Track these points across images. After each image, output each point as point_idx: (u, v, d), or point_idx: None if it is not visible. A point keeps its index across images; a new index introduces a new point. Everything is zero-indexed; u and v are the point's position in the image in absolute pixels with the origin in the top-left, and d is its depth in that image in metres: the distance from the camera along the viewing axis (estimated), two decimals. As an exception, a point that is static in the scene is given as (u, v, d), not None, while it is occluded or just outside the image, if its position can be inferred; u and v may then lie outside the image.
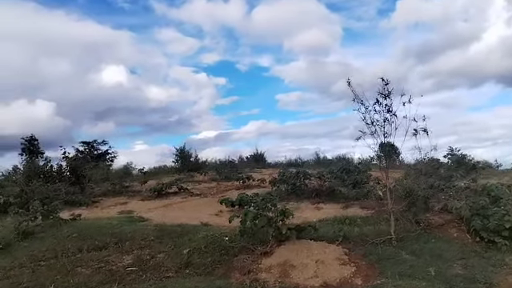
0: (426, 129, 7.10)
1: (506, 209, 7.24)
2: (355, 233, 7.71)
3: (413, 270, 6.28)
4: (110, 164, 30.34)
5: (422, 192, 8.40)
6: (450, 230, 7.89)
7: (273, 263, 6.50)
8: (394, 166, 16.46)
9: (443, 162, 15.33)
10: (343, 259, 6.56)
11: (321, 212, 10.14)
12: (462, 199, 7.90)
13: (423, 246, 7.19)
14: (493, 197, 7.93)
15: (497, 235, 7.00)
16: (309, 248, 6.81)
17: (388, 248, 7.12)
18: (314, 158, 27.93)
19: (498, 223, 7.00)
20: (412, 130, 7.13)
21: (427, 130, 7.09)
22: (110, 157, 33.62)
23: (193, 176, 19.15)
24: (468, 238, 7.50)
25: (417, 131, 7.08)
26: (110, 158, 33.84)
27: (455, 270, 6.29)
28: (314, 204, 11.01)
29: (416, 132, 7.09)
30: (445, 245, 7.32)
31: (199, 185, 16.26)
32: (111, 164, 30.23)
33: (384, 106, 7.42)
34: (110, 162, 32.52)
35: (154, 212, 11.14)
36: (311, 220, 9.40)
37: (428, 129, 7.10)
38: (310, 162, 28.14)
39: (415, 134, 7.10)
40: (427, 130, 7.09)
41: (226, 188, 15.06)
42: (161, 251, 7.43)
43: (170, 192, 13.86)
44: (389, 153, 27.35)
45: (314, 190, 11.42)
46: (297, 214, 10.13)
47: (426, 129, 7.10)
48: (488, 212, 7.31)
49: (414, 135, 7.13)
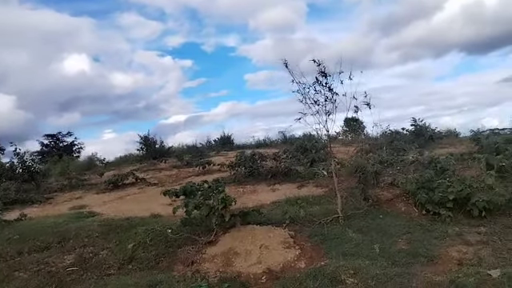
0: (369, 103, 6.98)
1: (451, 180, 7.27)
2: (304, 213, 7.59)
3: (358, 248, 6.25)
4: (78, 156, 29.73)
5: (371, 168, 8.36)
6: (398, 204, 7.91)
7: (217, 252, 6.33)
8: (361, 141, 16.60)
9: (403, 134, 15.51)
10: (288, 242, 6.45)
11: (276, 193, 10.01)
12: (410, 173, 7.88)
13: (370, 223, 7.17)
14: (440, 169, 7.96)
15: (442, 207, 7.03)
16: (253, 234, 6.66)
17: (335, 227, 7.07)
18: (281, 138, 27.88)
19: (442, 195, 7.03)
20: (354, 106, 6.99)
21: (370, 105, 6.98)
22: (76, 148, 32.87)
23: (155, 164, 18.72)
24: (415, 212, 7.52)
25: (358, 108, 6.96)
26: (77, 150, 33.02)
27: (399, 246, 6.29)
28: (270, 186, 10.88)
29: (357, 109, 6.97)
30: (392, 220, 7.33)
31: (159, 173, 15.89)
32: (78, 156, 29.62)
33: (325, 85, 7.25)
34: (76, 153, 31.87)
35: (108, 205, 10.78)
36: (265, 202, 9.30)
37: (371, 104, 6.98)
38: (277, 141, 28.08)
39: (356, 110, 6.98)
40: (370, 104, 6.98)
41: (187, 175, 14.73)
42: (104, 248, 7.13)
43: (126, 183, 13.45)
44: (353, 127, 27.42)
45: (270, 172, 11.27)
46: (252, 197, 10.09)
47: (369, 103, 6.99)
48: (433, 184, 7.33)
49: (355, 112, 7.00)
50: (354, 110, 7.02)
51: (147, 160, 20.94)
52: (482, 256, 5.55)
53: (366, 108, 7.05)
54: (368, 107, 6.94)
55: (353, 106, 7.11)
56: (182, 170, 16.14)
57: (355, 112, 7.03)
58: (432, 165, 8.19)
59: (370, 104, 6.93)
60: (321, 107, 7.29)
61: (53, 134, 30.51)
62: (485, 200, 6.68)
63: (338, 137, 29.80)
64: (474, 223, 6.75)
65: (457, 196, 6.91)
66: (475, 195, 6.84)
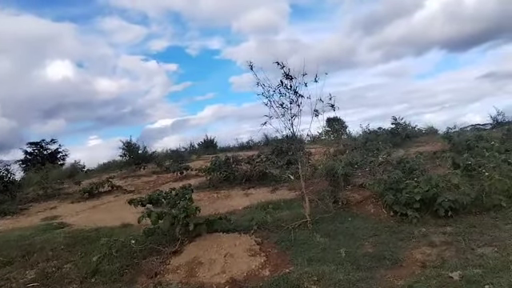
0: (334, 105, 6.93)
1: (418, 180, 7.25)
2: (271, 219, 7.51)
3: (324, 253, 6.17)
4: (62, 163, 29.29)
5: (341, 170, 8.31)
6: (367, 206, 7.87)
7: (181, 262, 6.22)
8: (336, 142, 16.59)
9: (380, 133, 15.53)
10: (254, 250, 6.36)
11: (249, 198, 9.93)
12: (379, 174, 7.86)
13: (338, 227, 7.11)
14: (408, 169, 7.94)
15: (409, 208, 7.00)
16: (219, 242, 6.57)
17: (303, 232, 7.00)
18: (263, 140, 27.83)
19: (409, 196, 7.00)
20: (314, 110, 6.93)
21: (334, 106, 6.92)
22: (61, 156, 32.41)
23: (136, 170, 18.51)
24: (384, 214, 7.49)
25: (318, 112, 6.90)
26: (62, 157, 32.59)
27: (366, 249, 6.23)
28: (244, 190, 10.79)
29: (317, 112, 6.90)
30: (360, 222, 7.29)
31: (138, 180, 15.69)
32: (63, 163, 29.19)
33: (289, 88, 7.18)
34: (61, 160, 31.41)
35: (80, 215, 10.58)
36: (238, 208, 9.22)
37: (335, 106, 6.93)
38: (260, 143, 28.02)
39: (316, 114, 6.91)
40: (334, 106, 6.92)
41: (165, 181, 14.56)
42: (69, 261, 6.97)
43: (102, 191, 13.24)
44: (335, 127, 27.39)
45: (245, 176, 11.18)
46: (226, 203, 9.99)
47: (333, 105, 6.93)
48: (401, 185, 7.30)
49: (316, 116, 6.94)
50: (314, 113, 6.93)
51: (129, 166, 20.74)
52: (446, 257, 5.52)
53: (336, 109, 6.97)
54: (332, 109, 6.87)
55: (320, 108, 7.04)
56: (161, 176, 15.96)
57: (315, 116, 6.95)
58: (401, 165, 8.16)
59: (334, 106, 6.86)
60: (286, 110, 7.21)
61: (36, 142, 30.04)
62: (450, 200, 6.66)
63: (321, 137, 29.93)
64: (441, 223, 6.74)
65: (423, 196, 6.89)
66: (441, 195, 6.82)
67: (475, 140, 10.19)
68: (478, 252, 5.52)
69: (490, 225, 6.35)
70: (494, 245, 5.63)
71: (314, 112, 6.94)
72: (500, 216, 6.60)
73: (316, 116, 6.91)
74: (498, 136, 11.29)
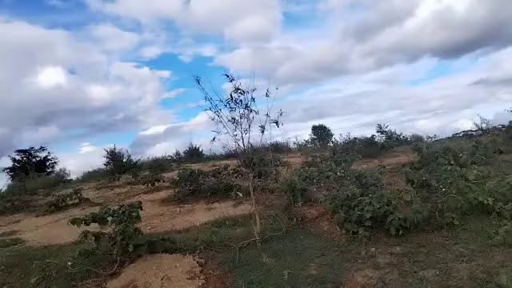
0: (277, 121, 6.72)
1: (374, 196, 7.02)
2: (221, 237, 7.27)
3: (267, 275, 5.93)
4: (51, 171, 28.99)
5: (299, 184, 8.08)
6: (321, 223, 7.63)
7: (117, 286, 5.95)
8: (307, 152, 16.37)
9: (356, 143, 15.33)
10: (194, 272, 6.10)
11: (211, 213, 9.67)
12: (334, 189, 7.63)
13: (287, 246, 6.87)
14: (364, 184, 7.71)
15: (360, 226, 6.75)
16: (159, 264, 6.30)
17: (251, 252, 6.75)
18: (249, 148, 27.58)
19: (360, 213, 6.77)
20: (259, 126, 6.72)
21: (278, 123, 6.72)
22: (50, 163, 32.12)
23: (113, 180, 18.24)
24: (338, 231, 7.25)
25: (264, 127, 6.70)
26: (51, 165, 32.28)
27: (310, 270, 5.98)
28: (208, 204, 10.54)
29: (263, 128, 6.70)
30: (312, 241, 7.04)
31: (111, 191, 15.43)
32: (52, 171, 28.88)
33: (239, 102, 6.98)
34: (50, 168, 31.11)
35: (39, 230, 10.30)
36: (196, 224, 8.97)
37: (279, 122, 6.72)
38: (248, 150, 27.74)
39: (262, 130, 6.71)
40: (278, 122, 6.71)
41: (136, 193, 14.29)
42: (6, 283, 6.68)
43: (69, 204, 12.95)
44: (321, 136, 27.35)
45: (209, 189, 10.92)
46: (186, 218, 9.73)
47: (277, 121, 6.72)
48: (353, 202, 7.07)
49: (262, 132, 6.73)
50: (259, 129, 6.73)
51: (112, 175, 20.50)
52: (387, 281, 5.29)
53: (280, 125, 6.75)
54: (276, 125, 6.67)
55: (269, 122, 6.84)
56: (135, 187, 15.69)
57: (261, 132, 6.74)
58: (360, 180, 7.93)
59: (277, 122, 6.65)
60: (236, 125, 7.00)
61: (25, 150, 29.81)
62: (401, 218, 6.43)
63: (307, 145, 29.80)
64: (392, 243, 6.49)
65: (374, 214, 6.66)
66: (393, 213, 6.59)
67: (443, 152, 9.97)
68: (419, 275, 5.30)
69: (439, 245, 6.11)
70: (438, 267, 5.41)
71: (260, 128, 6.74)
72: (451, 235, 6.36)
73: (262, 132, 6.70)
74: (469, 147, 11.11)
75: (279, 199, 9.40)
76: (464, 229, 6.45)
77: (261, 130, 6.75)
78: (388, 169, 11.50)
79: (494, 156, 10.76)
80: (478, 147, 10.82)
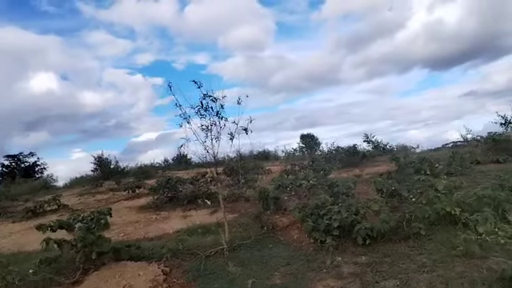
0: (247, 129, 6.74)
1: (344, 205, 7.02)
2: (192, 244, 7.22)
3: (230, 284, 5.90)
4: (40, 177, 28.71)
5: (272, 193, 8.07)
6: (292, 231, 7.60)
7: (78, 294, 5.87)
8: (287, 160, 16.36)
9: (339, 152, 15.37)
10: (157, 281, 6.02)
11: (186, 220, 9.58)
12: (306, 198, 7.62)
13: (255, 254, 6.83)
14: (335, 193, 7.71)
15: (328, 235, 6.74)
16: (123, 272, 6.22)
17: (218, 260, 6.70)
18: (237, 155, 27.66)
19: (328, 222, 6.75)
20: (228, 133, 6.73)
21: (247, 130, 6.73)
22: (39, 169, 31.84)
23: (96, 187, 18.13)
24: (307, 240, 7.22)
25: (233, 135, 6.70)
26: (40, 170, 31.99)
27: (275, 280, 5.95)
28: (185, 212, 10.47)
29: (232, 136, 6.70)
30: (280, 249, 7.01)
31: (92, 197, 15.30)
32: (41, 177, 28.60)
33: (209, 109, 6.98)
34: (39, 174, 30.84)
35: (12, 237, 10.16)
36: (169, 232, 8.89)
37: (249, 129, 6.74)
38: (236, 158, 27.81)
39: (231, 138, 6.71)
40: (247, 129, 6.73)
41: (117, 199, 14.19)
42: (-33, 291, 6.57)
43: (48, 210, 12.80)
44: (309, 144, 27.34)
45: (187, 197, 10.85)
46: (160, 226, 9.66)
47: (246, 128, 6.74)
48: (322, 211, 7.06)
49: (231, 139, 6.73)
50: (228, 136, 6.73)
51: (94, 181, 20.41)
52: (348, 292, 5.28)
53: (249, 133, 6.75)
54: (245, 132, 6.67)
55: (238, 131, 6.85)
56: (117, 193, 15.55)
57: (230, 139, 6.74)
58: (331, 189, 7.93)
59: (247, 130, 6.66)
60: (206, 132, 7.00)
61: (14, 155, 29.59)
62: (367, 228, 6.42)
63: (295, 153, 29.81)
64: (358, 252, 6.47)
65: (342, 223, 6.65)
66: (361, 222, 6.59)
67: (419, 162, 10.01)
68: (380, 286, 5.29)
69: (404, 255, 6.09)
70: (399, 278, 5.39)
71: (229, 135, 6.75)
72: (417, 245, 6.35)
73: (231, 140, 6.71)
74: (446, 157, 11.16)
75: (254, 207, 9.37)
76: (430, 239, 6.45)
77: (230, 137, 6.72)
78: (366, 178, 11.53)
79: (471, 167, 10.82)
80: (454, 158, 10.89)
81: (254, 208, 9.35)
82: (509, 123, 22.05)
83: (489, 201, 6.48)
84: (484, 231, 5.23)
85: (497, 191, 6.70)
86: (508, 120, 22.05)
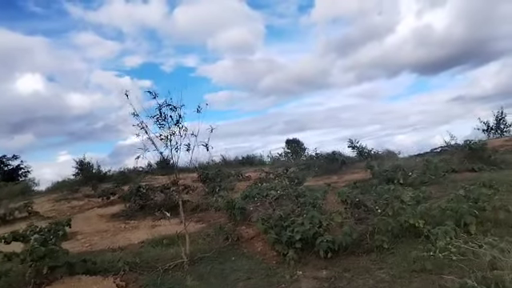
0: (207, 144, 6.64)
1: (306, 217, 6.87)
2: (153, 257, 7.04)
3: (186, 299, 5.72)
4: (23, 180, 28.21)
5: (238, 203, 7.91)
6: (256, 243, 7.44)
7: (27, 310, 5.66)
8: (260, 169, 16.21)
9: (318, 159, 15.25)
10: (110, 296, 5.85)
11: (154, 230, 9.40)
12: (270, 209, 7.46)
13: (215, 268, 6.65)
14: (302, 204, 7.57)
15: (291, 248, 6.58)
16: (77, 286, 6.02)
17: (176, 274, 6.52)
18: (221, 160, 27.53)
19: (291, 234, 6.60)
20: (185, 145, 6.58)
21: (208, 145, 6.62)
22: (22, 172, 31.32)
23: (73, 192, 17.80)
24: (270, 253, 7.06)
25: (189, 146, 6.55)
26: (23, 174, 31.48)
27: (231, 295, 5.80)
28: (155, 221, 10.26)
29: (188, 146, 6.55)
30: (243, 262, 6.84)
31: (67, 204, 15.00)
32: (24, 180, 28.10)
33: (167, 118, 6.83)
34: (23, 177, 30.31)
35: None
36: (134, 242, 8.69)
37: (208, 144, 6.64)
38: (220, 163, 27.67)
39: (188, 149, 6.56)
40: (207, 145, 6.63)
41: (91, 206, 13.94)
42: None
43: (18, 217, 12.50)
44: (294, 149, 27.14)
45: (158, 205, 10.65)
46: (127, 235, 9.45)
47: (207, 144, 6.62)
48: (286, 222, 6.91)
49: (187, 150, 6.58)
50: (186, 147, 6.58)
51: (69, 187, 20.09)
52: (303, 308, 5.13)
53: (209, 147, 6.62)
54: (206, 148, 6.56)
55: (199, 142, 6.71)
56: (92, 200, 15.28)
57: (187, 150, 6.59)
58: (298, 199, 7.79)
59: (207, 145, 6.55)
60: (165, 141, 6.84)
61: (-4, 158, 29.06)
62: (329, 240, 6.28)
63: (281, 158, 29.72)
64: (320, 266, 6.32)
65: (304, 235, 6.50)
66: (323, 235, 6.45)
67: (393, 171, 9.92)
68: (335, 303, 5.14)
69: (364, 269, 5.96)
70: (355, 294, 5.26)
71: (185, 146, 6.61)
72: (379, 259, 6.22)
73: (187, 150, 6.56)
74: (420, 165, 11.09)
75: (224, 217, 9.21)
76: (392, 253, 6.33)
77: (186, 148, 6.56)
78: (342, 186, 11.43)
79: (445, 175, 10.75)
80: (428, 166, 10.82)
81: (224, 218, 9.19)
82: (491, 129, 22.22)
83: (452, 213, 6.38)
84: (441, 246, 5.10)
85: (460, 203, 6.60)
86: (490, 126, 22.24)
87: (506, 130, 21.14)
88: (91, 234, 9.67)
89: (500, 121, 21.32)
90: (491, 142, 19.39)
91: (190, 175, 17.94)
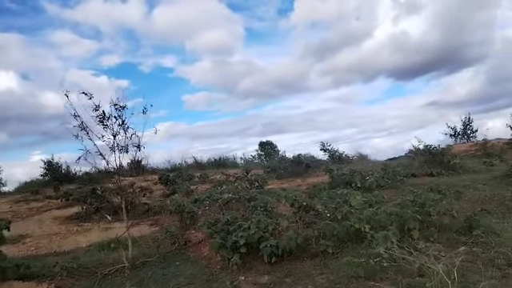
0: (140, 145, 6.52)
1: (255, 221, 6.75)
2: (95, 261, 6.81)
3: (122, 306, 5.52)
4: None
5: (188, 207, 7.74)
6: (203, 248, 7.29)
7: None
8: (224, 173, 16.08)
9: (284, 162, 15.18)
10: (42, 302, 5.60)
11: (106, 233, 9.14)
12: (219, 213, 7.32)
13: (157, 273, 6.47)
14: (252, 207, 7.46)
15: (236, 253, 6.45)
16: (7, 293, 5.77)
17: (117, 279, 6.32)
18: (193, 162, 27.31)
19: (235, 239, 6.47)
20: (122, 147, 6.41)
21: (140, 146, 6.51)
22: (-10, 172, 30.36)
23: (36, 193, 17.30)
24: (216, 257, 6.92)
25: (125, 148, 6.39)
26: (-8, 174, 30.53)
27: (169, 301, 5.62)
28: (110, 223, 9.98)
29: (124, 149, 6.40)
30: (187, 267, 6.68)
31: (26, 205, 14.54)
32: None
33: (115, 120, 6.64)
34: None
35: None
36: (81, 246, 8.44)
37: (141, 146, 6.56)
38: (193, 165, 27.44)
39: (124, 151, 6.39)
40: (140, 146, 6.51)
41: (50, 208, 13.55)
42: None
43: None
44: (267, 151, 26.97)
45: (113, 207, 10.39)
46: (78, 238, 9.18)
47: (139, 145, 6.50)
48: (232, 227, 6.78)
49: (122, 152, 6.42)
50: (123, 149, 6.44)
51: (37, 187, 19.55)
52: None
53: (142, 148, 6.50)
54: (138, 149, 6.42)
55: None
56: (53, 201, 14.84)
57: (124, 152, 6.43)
58: (250, 203, 7.67)
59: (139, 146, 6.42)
60: (108, 143, 6.65)
61: (-35, 158, 28.16)
62: (273, 245, 6.18)
63: (254, 160, 29.61)
64: (263, 271, 6.22)
65: (249, 240, 6.39)
66: (268, 239, 6.34)
67: (350, 175, 9.91)
68: (270, 309, 5.03)
69: (306, 274, 5.87)
70: (291, 300, 5.16)
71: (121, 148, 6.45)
72: (322, 264, 6.15)
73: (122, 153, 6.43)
74: (378, 169, 11.13)
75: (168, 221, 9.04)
76: (336, 257, 6.27)
77: (123, 150, 6.39)
78: (303, 189, 11.39)
79: (403, 180, 10.81)
80: (386, 170, 10.86)
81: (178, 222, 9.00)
82: (458, 134, 22.61)
83: (396, 218, 6.36)
84: (375, 252, 5.05)
85: (406, 208, 6.59)
86: (458, 132, 22.63)
87: (472, 135, 21.55)
88: (41, 236, 9.36)
89: (467, 126, 21.73)
90: (457, 146, 19.76)
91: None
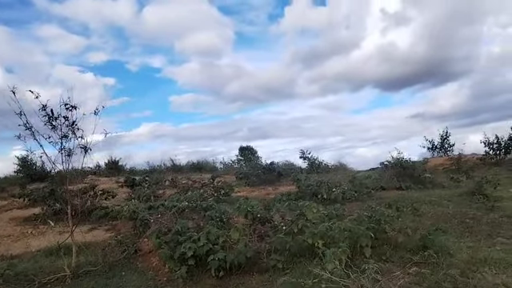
0: (86, 147, 6.27)
1: (205, 232, 6.52)
2: (36, 269, 6.51)
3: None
4: None
5: (141, 214, 7.47)
6: (152, 258, 7.02)
7: None
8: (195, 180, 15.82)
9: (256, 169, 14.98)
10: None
11: (61, 237, 8.77)
12: (171, 222, 7.07)
13: (100, 283, 6.17)
14: (208, 217, 7.22)
15: (184, 265, 6.20)
16: None
17: (55, 289, 6.02)
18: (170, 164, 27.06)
19: (183, 251, 6.22)
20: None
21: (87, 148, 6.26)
22: (-34, 168, 29.63)
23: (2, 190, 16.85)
24: (164, 269, 6.66)
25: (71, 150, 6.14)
26: (-32, 170, 29.84)
27: (106, 315, 5.35)
28: (68, 227, 9.63)
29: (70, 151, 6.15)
30: (132, 278, 6.40)
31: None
32: None
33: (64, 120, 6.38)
34: None
35: None
36: (30, 250, 8.13)
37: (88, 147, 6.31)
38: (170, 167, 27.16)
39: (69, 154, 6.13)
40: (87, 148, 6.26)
41: (12, 207, 13.14)
42: None
43: None
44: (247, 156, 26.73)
45: (74, 210, 10.00)
46: (30, 242, 8.93)
47: (85, 146, 6.25)
48: (183, 237, 6.53)
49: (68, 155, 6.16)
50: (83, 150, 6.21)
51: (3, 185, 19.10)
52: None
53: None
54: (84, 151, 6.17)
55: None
56: (17, 200, 14.40)
57: (67, 156, 6.17)
58: (205, 213, 7.43)
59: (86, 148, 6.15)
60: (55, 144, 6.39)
61: None
62: (221, 259, 5.95)
63: (233, 165, 29.40)
64: (210, 285, 5.98)
65: (197, 252, 6.14)
66: (217, 252, 6.11)
67: (317, 186, 9.74)
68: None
69: (251, 291, 5.67)
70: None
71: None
72: (271, 279, 5.91)
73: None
74: (346, 180, 11.00)
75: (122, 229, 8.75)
76: (287, 273, 6.05)
77: (68, 153, 6.12)
78: (271, 198, 11.19)
79: (371, 192, 10.69)
80: (354, 183, 10.73)
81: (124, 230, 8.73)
82: (436, 148, 22.69)
83: (349, 234, 6.19)
84: (315, 273, 4.86)
85: (361, 224, 6.42)
86: (435, 145, 22.71)
87: (450, 149, 21.61)
88: (-8, 238, 8.98)
89: (444, 140, 21.79)
90: (434, 160, 19.80)
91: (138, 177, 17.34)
